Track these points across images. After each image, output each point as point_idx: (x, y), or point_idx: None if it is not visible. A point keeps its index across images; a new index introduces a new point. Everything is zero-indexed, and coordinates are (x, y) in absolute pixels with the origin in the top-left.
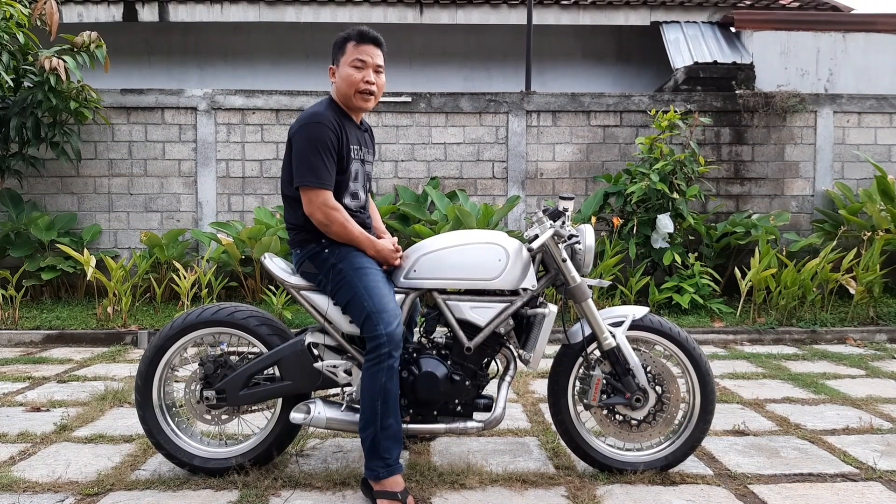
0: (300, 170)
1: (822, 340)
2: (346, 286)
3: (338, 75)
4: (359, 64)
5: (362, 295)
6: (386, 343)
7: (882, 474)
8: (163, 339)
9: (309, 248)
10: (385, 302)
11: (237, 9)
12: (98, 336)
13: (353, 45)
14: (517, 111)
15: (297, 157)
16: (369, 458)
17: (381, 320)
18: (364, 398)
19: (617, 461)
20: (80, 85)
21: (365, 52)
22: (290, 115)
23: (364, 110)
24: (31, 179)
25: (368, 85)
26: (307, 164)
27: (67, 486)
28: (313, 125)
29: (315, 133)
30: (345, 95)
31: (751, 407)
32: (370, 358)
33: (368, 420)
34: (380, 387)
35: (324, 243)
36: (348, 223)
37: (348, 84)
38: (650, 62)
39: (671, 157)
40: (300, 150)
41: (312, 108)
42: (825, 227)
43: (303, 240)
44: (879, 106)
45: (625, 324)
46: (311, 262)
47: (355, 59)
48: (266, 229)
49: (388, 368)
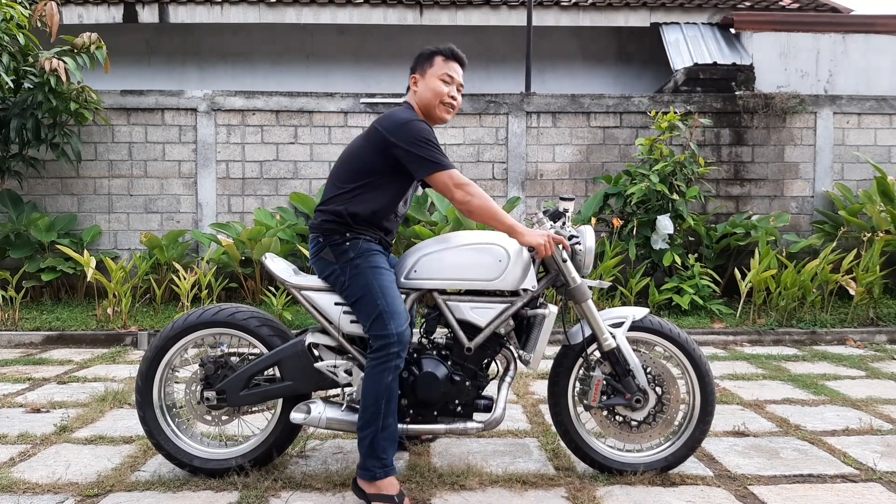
0: (420, 162)
1: (822, 341)
2: (360, 282)
3: (423, 85)
4: (447, 79)
5: (377, 293)
6: (395, 343)
7: (882, 475)
8: (163, 339)
9: (333, 238)
10: (398, 304)
11: (237, 10)
12: (98, 337)
13: (443, 60)
14: (517, 112)
15: (412, 151)
16: (366, 457)
17: (393, 320)
18: (367, 397)
19: (617, 462)
20: (81, 86)
21: (453, 69)
22: (290, 116)
23: (441, 122)
24: (31, 180)
25: (452, 99)
26: (427, 153)
27: (67, 488)
28: (419, 122)
29: (425, 128)
30: (428, 105)
31: (751, 408)
32: (378, 356)
33: (370, 419)
34: (385, 386)
35: (348, 236)
36: (485, 198)
37: (434, 94)
38: (650, 63)
39: (671, 158)
40: (413, 145)
41: (407, 112)
42: (825, 228)
43: (330, 229)
44: (879, 107)
45: (625, 325)
46: (332, 251)
47: (445, 73)
48: (266, 230)
49: (395, 368)
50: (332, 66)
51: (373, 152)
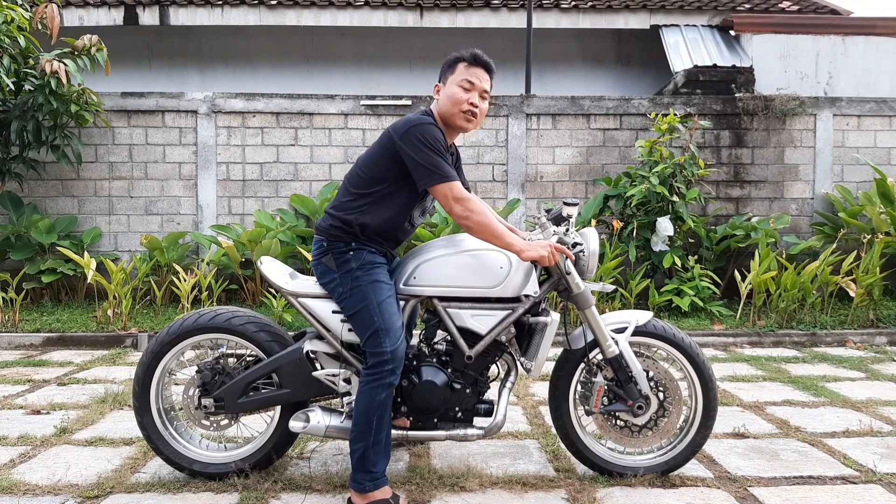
0: (421, 169)
1: (822, 343)
2: (358, 295)
3: (443, 93)
4: (467, 85)
5: (374, 309)
6: (390, 361)
7: (882, 477)
8: (160, 344)
9: (338, 245)
10: (394, 321)
11: (238, 12)
12: (98, 339)
13: (465, 66)
14: (517, 114)
15: (414, 157)
16: (356, 470)
17: (388, 338)
18: (359, 411)
19: (618, 465)
20: (81, 88)
21: (475, 74)
22: (291, 118)
23: (463, 131)
24: (31, 182)
25: (473, 107)
26: (428, 161)
27: (67, 489)
28: (429, 126)
29: (433, 133)
30: (448, 114)
31: (751, 410)
32: (372, 373)
33: (361, 433)
34: (378, 403)
35: (353, 246)
36: (486, 215)
37: (453, 102)
38: (650, 65)
39: (671, 160)
40: (416, 150)
41: (420, 116)
42: (825, 230)
43: (336, 235)
44: (879, 109)
45: (628, 330)
46: (334, 258)
47: (464, 79)
48: (266, 232)
49: (388, 385)
50: (332, 68)
51: (384, 157)
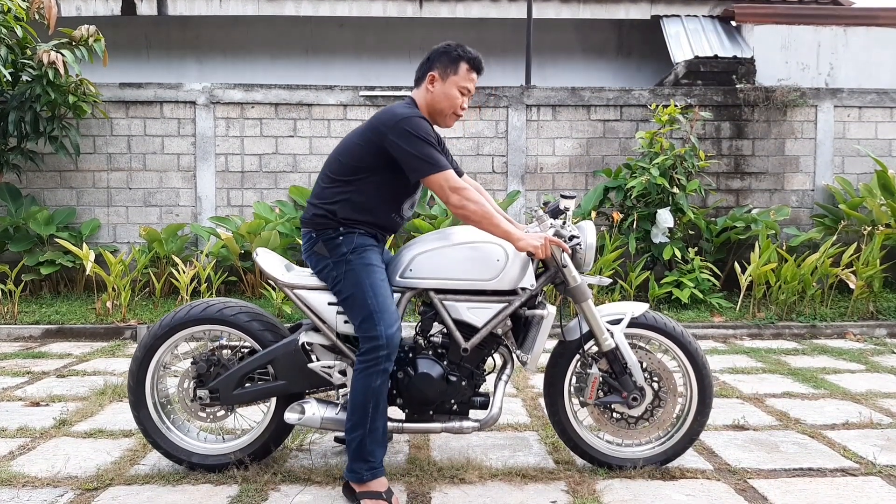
0: (415, 161)
1: (822, 335)
2: (351, 279)
3: (440, 88)
4: (465, 91)
5: (367, 292)
6: (384, 346)
7: (882, 469)
8: (153, 338)
9: (326, 232)
10: (388, 304)
11: (236, 2)
12: (97, 331)
13: (467, 69)
14: (517, 105)
15: (407, 149)
16: (353, 460)
17: (382, 321)
18: (355, 400)
19: (616, 458)
20: (79, 79)
21: (473, 80)
22: (290, 109)
23: (446, 127)
24: (29, 174)
25: (463, 110)
26: (422, 152)
27: (67, 481)
28: (419, 118)
29: (423, 125)
30: (438, 110)
31: (750, 402)
32: (366, 359)
33: (358, 422)
34: (373, 390)
35: (341, 231)
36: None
37: (450, 104)
38: (650, 56)
39: (671, 151)
40: (409, 142)
41: (406, 108)
42: (825, 222)
43: (322, 223)
44: (880, 100)
45: (623, 322)
46: (325, 246)
47: (465, 85)
48: (265, 224)
49: (383, 372)
50: (331, 58)
51: (368, 147)
